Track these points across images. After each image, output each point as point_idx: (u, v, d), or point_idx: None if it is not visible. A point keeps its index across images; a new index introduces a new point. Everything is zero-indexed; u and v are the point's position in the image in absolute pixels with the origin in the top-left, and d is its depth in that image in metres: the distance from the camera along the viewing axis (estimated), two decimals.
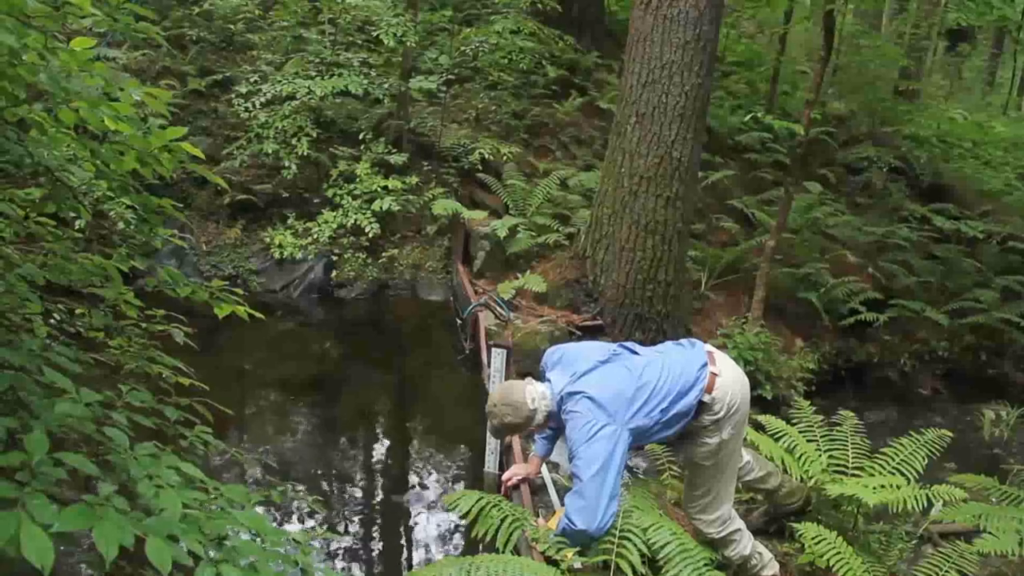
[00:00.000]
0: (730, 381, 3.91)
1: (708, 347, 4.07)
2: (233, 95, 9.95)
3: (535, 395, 3.84)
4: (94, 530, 2.01)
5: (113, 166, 3.01)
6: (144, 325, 3.80)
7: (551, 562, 3.76)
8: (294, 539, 2.76)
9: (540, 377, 4.07)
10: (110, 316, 3.70)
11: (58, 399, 2.52)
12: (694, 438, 3.93)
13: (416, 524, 5.57)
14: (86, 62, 2.72)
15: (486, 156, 10.14)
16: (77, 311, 3.78)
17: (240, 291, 3.58)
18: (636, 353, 4.04)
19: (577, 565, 3.82)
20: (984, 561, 4.55)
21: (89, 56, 2.72)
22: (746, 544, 4.12)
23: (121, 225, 7.72)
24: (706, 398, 3.82)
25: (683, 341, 4.18)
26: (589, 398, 3.69)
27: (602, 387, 3.74)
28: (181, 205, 3.65)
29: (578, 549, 3.85)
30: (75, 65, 2.69)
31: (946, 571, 4.03)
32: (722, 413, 3.85)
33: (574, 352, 4.04)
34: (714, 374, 3.87)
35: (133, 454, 2.49)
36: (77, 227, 6.92)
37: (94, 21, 2.76)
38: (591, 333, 7.33)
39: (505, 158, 10.25)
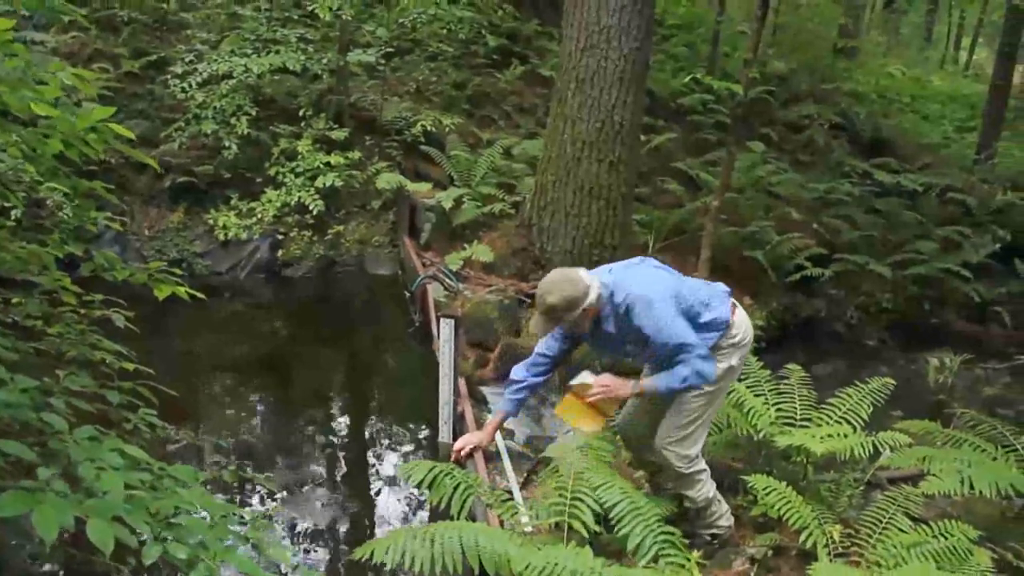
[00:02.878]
0: (743, 316, 4.07)
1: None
2: (169, 76, 9.76)
3: (589, 277, 3.87)
4: (33, 514, 1.99)
5: (38, 150, 2.95)
6: (83, 311, 3.74)
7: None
8: (243, 516, 2.75)
9: None
10: (46, 304, 3.63)
11: None
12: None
13: (376, 498, 5.58)
14: (5, 43, 2.65)
15: (428, 128, 10.07)
16: (13, 300, 3.72)
17: (179, 271, 3.54)
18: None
19: (529, 529, 3.86)
20: (930, 503, 4.66)
21: (7, 38, 2.65)
22: (710, 488, 4.17)
23: (59, 213, 7.57)
24: (731, 320, 3.95)
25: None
26: (644, 287, 3.79)
27: (653, 280, 3.86)
28: (113, 187, 3.58)
29: (532, 513, 3.89)
30: None
31: (893, 514, 4.11)
32: (738, 338, 3.97)
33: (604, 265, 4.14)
34: (734, 304, 4.04)
35: (73, 438, 2.46)
36: (13, 216, 6.79)
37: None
38: None
39: (448, 129, 10.21)
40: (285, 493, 5.40)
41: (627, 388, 3.99)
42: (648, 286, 3.81)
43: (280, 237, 9.40)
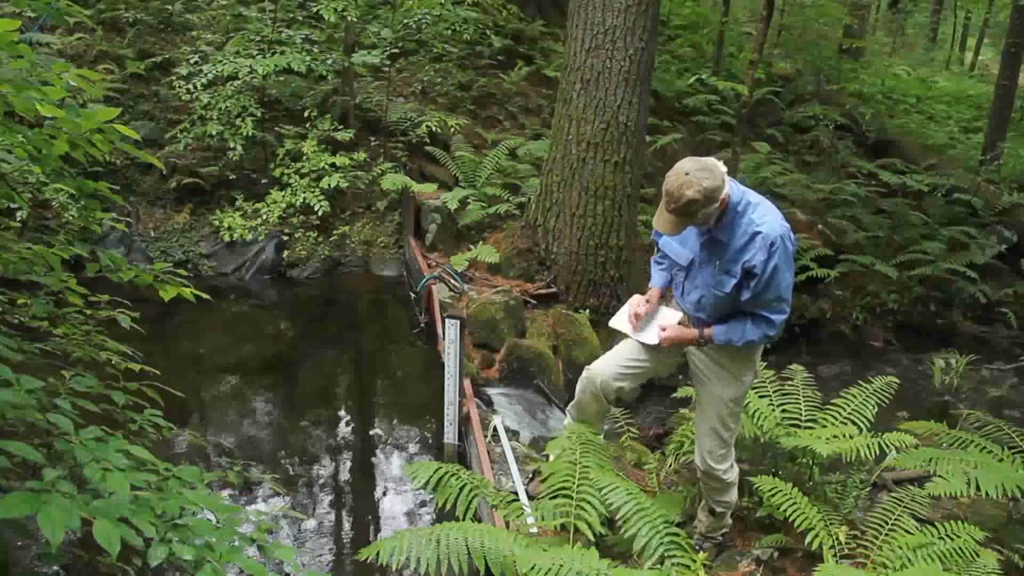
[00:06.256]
0: None
1: None
2: (174, 77, 9.77)
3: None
4: (39, 515, 1.99)
5: (44, 151, 2.95)
6: (88, 312, 3.75)
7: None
8: (249, 517, 2.74)
9: None
10: (52, 304, 3.64)
11: None
12: (745, 361, 3.93)
13: (382, 499, 5.56)
14: (9, 44, 2.65)
15: (434, 129, 10.07)
16: (18, 301, 3.72)
17: (185, 272, 3.54)
18: None
19: (534, 530, 3.85)
20: (936, 504, 4.65)
21: (12, 39, 2.65)
22: (736, 493, 4.17)
23: (64, 214, 7.58)
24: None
25: None
26: (785, 227, 3.51)
27: (788, 228, 3.56)
28: (119, 188, 3.58)
29: (538, 514, 3.88)
30: None
31: (899, 515, 4.10)
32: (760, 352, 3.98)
33: None
34: None
35: (79, 439, 2.46)
36: (19, 217, 6.80)
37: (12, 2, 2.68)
38: (545, 301, 7.35)
39: (453, 130, 10.20)
40: (290, 494, 5.40)
41: (692, 334, 3.82)
42: (788, 232, 3.52)
43: (285, 238, 9.40)
